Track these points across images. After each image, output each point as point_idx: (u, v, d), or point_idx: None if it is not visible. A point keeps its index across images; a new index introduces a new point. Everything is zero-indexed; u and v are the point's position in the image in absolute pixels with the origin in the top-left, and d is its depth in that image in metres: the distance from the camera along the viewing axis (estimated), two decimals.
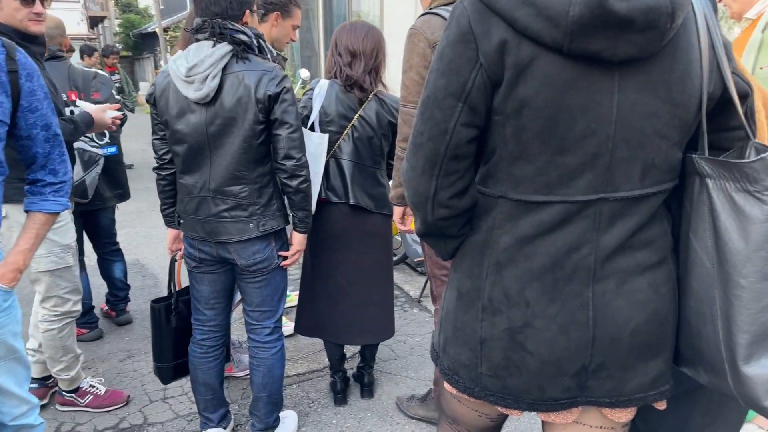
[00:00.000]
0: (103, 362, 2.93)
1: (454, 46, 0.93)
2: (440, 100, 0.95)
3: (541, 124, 0.91)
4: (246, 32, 1.83)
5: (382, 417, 2.46)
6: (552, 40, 0.86)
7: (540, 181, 0.95)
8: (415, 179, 1.02)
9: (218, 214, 1.89)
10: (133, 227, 5.39)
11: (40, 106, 1.46)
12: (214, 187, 1.88)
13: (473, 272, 1.05)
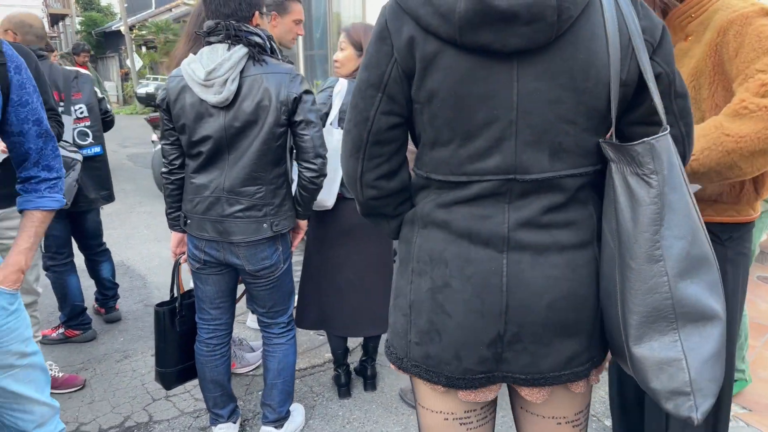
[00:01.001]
0: (100, 363, 2.90)
1: (375, 43, 1.02)
2: (363, 90, 1.04)
3: (448, 113, 0.98)
4: (260, 34, 1.85)
5: (387, 408, 2.51)
6: (447, 35, 0.93)
7: (454, 163, 1.02)
8: (345, 161, 1.12)
9: (232, 215, 1.90)
10: (114, 229, 5.29)
11: (30, 99, 1.41)
12: (229, 187, 1.89)
13: (406, 238, 1.13)
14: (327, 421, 2.43)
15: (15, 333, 1.41)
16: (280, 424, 2.22)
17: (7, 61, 1.34)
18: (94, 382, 2.72)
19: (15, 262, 1.43)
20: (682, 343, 0.93)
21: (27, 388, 1.44)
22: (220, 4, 1.81)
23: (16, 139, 1.43)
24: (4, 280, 1.39)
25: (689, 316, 0.93)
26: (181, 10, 18.40)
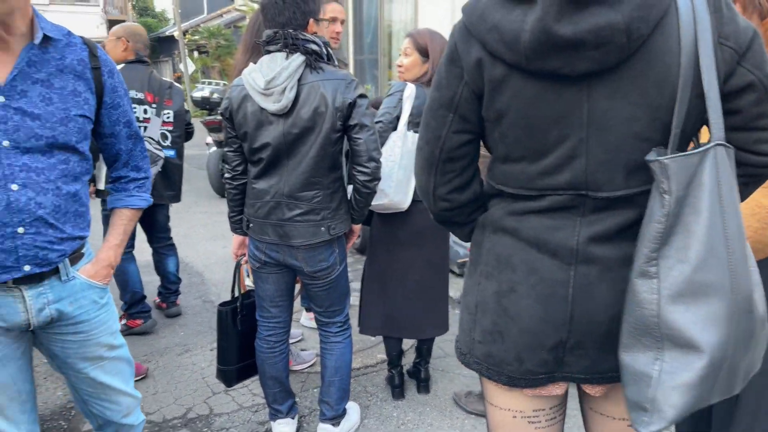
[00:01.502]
0: (162, 356, 3.02)
1: (446, 64, 1.05)
2: (435, 110, 1.07)
3: (518, 132, 1.00)
4: (316, 41, 1.88)
5: (442, 411, 2.52)
6: (513, 61, 0.94)
7: (525, 178, 1.03)
8: (418, 176, 1.16)
9: (291, 219, 1.95)
10: (173, 227, 5.45)
11: (121, 102, 1.47)
12: (288, 192, 1.94)
13: (477, 241, 1.16)
14: (381, 421, 2.46)
15: (105, 326, 1.48)
16: (337, 421, 2.26)
17: (101, 65, 1.40)
18: (157, 374, 2.83)
19: (105, 258, 1.49)
20: (662, 363, 0.93)
21: (114, 380, 1.52)
22: (275, 13, 1.85)
23: (108, 140, 1.50)
24: (95, 275, 1.46)
25: (675, 340, 0.91)
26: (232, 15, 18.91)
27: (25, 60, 1.26)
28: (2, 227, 1.25)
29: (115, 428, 1.58)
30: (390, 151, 2.25)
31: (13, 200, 1.25)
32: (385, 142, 2.28)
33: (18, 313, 1.33)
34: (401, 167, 2.23)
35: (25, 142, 1.26)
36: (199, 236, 5.25)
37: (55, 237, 1.33)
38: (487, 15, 0.96)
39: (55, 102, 1.30)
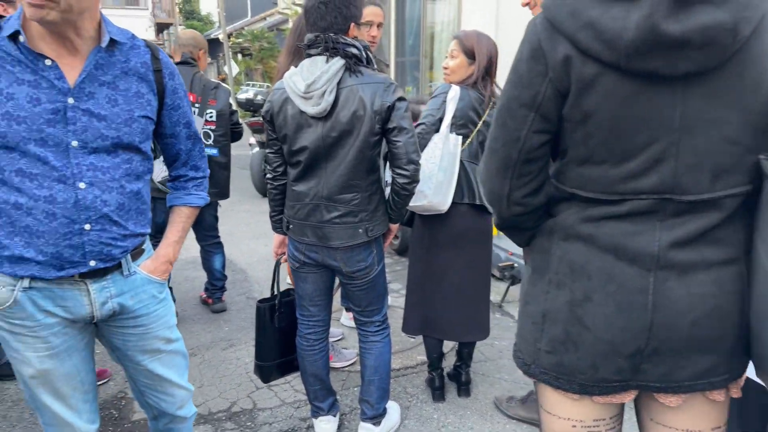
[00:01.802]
0: (208, 350, 3.10)
1: (527, 61, 1.01)
2: (513, 110, 1.04)
3: (605, 134, 0.97)
4: (356, 45, 1.91)
5: (482, 415, 2.51)
6: (610, 60, 0.92)
7: (606, 181, 1.00)
8: (490, 180, 1.12)
9: (330, 221, 1.98)
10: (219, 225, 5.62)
11: (182, 103, 1.51)
12: (327, 194, 1.96)
13: (543, 248, 1.13)
14: (422, 422, 2.46)
15: (163, 320, 1.53)
16: (377, 421, 2.28)
17: (162, 67, 1.44)
18: (203, 367, 2.91)
19: (165, 254, 1.53)
20: None
21: (170, 372, 1.57)
22: (318, 17, 1.88)
23: (168, 140, 1.54)
24: (154, 271, 1.50)
25: None
26: (275, 18, 19.22)
27: (93, 63, 1.31)
28: (70, 224, 1.30)
29: (169, 419, 1.63)
30: (431, 153, 2.25)
31: (81, 198, 1.30)
32: (427, 144, 2.28)
33: (83, 306, 1.39)
34: (441, 169, 2.23)
35: (93, 142, 1.30)
36: (242, 234, 5.36)
37: (118, 234, 1.38)
38: (579, 12, 0.93)
39: (120, 103, 1.34)
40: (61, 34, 1.26)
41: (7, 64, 1.24)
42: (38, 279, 1.32)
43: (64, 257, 1.31)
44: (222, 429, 2.41)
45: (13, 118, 1.23)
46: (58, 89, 1.26)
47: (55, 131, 1.26)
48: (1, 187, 1.27)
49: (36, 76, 1.25)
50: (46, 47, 1.26)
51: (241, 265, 4.48)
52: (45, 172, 1.26)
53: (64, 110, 1.27)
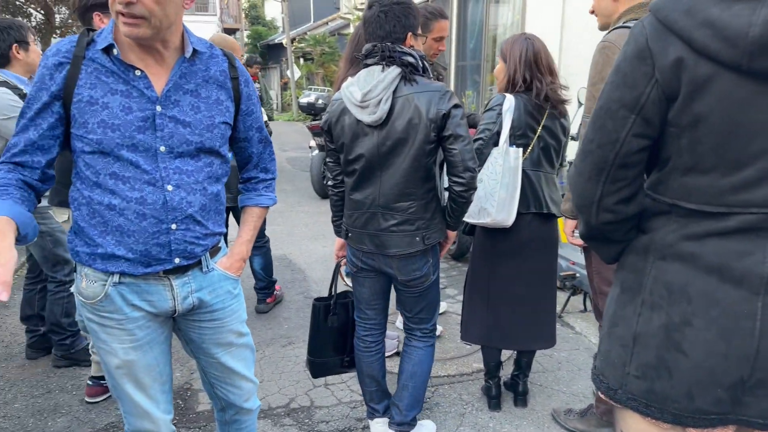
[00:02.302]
0: (268, 346, 3.20)
1: (631, 61, 0.97)
2: (613, 111, 1.00)
3: (717, 139, 0.92)
4: (413, 54, 1.93)
5: (539, 426, 2.47)
6: (730, 59, 0.87)
7: (713, 192, 0.95)
8: (581, 184, 1.07)
9: (387, 229, 2.00)
10: (278, 225, 5.79)
11: (255, 109, 1.58)
12: (384, 203, 1.99)
13: (636, 267, 1.07)
14: (477, 430, 2.44)
15: (236, 314, 1.61)
16: (404, 429, 2.27)
17: (239, 75, 1.51)
18: (263, 363, 3.00)
19: (239, 252, 1.60)
20: None
21: (240, 365, 1.64)
22: (377, 26, 1.92)
23: (242, 144, 1.61)
24: (230, 267, 1.58)
25: None
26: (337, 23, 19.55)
27: (178, 73, 1.39)
28: (158, 224, 1.38)
29: (235, 410, 1.70)
30: (492, 169, 2.23)
31: (169, 199, 1.38)
32: (486, 159, 2.26)
33: (166, 301, 1.47)
34: (503, 186, 2.21)
35: (178, 147, 1.39)
36: (301, 235, 5.49)
37: (201, 233, 1.46)
38: (696, 10, 0.90)
39: (202, 110, 1.42)
40: (150, 46, 1.35)
41: (102, 75, 1.33)
42: (127, 275, 1.41)
43: (151, 255, 1.40)
44: (281, 424, 2.48)
45: (108, 125, 1.32)
46: (148, 98, 1.35)
47: (145, 137, 1.35)
48: (96, 189, 1.36)
49: (128, 86, 1.34)
50: (135, 58, 1.35)
51: (300, 265, 4.59)
52: (136, 175, 1.35)
53: (152, 117, 1.36)
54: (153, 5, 1.26)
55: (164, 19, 1.30)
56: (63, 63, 1.32)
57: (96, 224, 1.38)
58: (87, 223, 1.38)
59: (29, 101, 1.35)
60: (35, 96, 1.34)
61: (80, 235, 1.41)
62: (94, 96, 1.32)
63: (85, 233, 1.39)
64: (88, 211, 1.38)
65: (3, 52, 2.52)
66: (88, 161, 1.35)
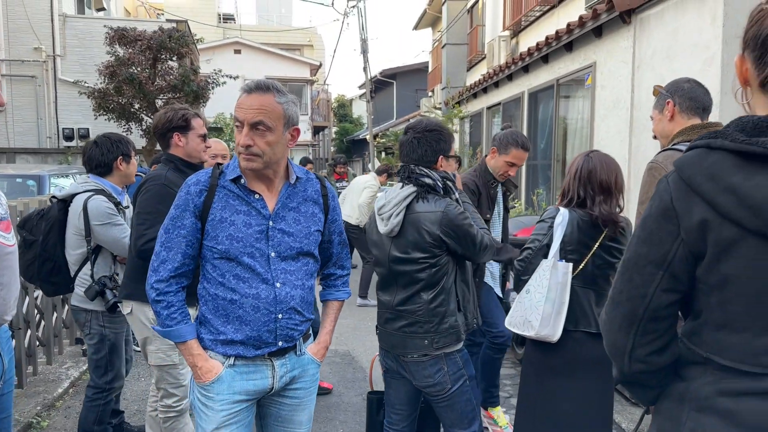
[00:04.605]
0: None
1: (656, 219, 0.99)
2: (641, 266, 1.01)
3: (748, 300, 0.90)
4: (431, 176, 2.10)
5: None
6: (755, 227, 0.87)
7: (748, 351, 0.92)
8: (613, 333, 1.07)
9: (400, 329, 2.13)
10: (344, 318, 5.86)
11: (338, 218, 1.92)
12: (396, 305, 2.13)
13: (672, 415, 1.03)
14: None
15: (312, 397, 1.88)
16: None
17: (328, 193, 1.87)
18: None
19: (324, 341, 1.90)
20: None
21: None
22: (410, 149, 2.15)
23: (326, 245, 1.91)
24: (317, 353, 1.87)
25: None
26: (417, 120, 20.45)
27: (285, 195, 1.75)
28: (269, 314, 1.69)
29: None
30: (538, 282, 2.21)
31: (278, 294, 1.70)
32: (535, 270, 2.25)
33: (267, 379, 1.75)
34: (548, 300, 2.17)
35: (284, 252, 1.72)
36: (367, 329, 5.50)
37: (299, 320, 1.76)
38: (719, 175, 0.91)
39: (302, 222, 1.77)
40: (264, 175, 1.72)
41: (230, 199, 1.70)
42: (241, 357, 1.71)
43: (262, 339, 1.70)
44: None
45: (234, 238, 1.67)
46: (263, 215, 1.71)
47: (261, 246, 1.69)
48: (220, 287, 1.69)
49: (249, 207, 1.71)
50: (255, 185, 1.72)
51: (362, 363, 4.57)
52: (253, 276, 1.68)
53: (266, 230, 1.71)
54: (265, 146, 1.64)
55: (273, 156, 1.67)
56: (203, 190, 1.70)
57: (219, 315, 1.70)
58: (212, 315, 1.70)
59: (173, 218, 1.70)
60: (180, 215, 1.69)
61: (205, 325, 1.73)
62: (224, 215, 1.68)
63: (210, 323, 1.71)
64: (214, 305, 1.70)
65: (108, 162, 2.80)
66: (216, 264, 1.69)
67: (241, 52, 23.18)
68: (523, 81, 8.28)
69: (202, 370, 1.69)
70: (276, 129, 1.65)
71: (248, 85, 1.70)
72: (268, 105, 1.64)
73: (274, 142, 1.65)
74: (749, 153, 0.87)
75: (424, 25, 19.37)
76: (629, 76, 5.30)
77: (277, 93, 1.67)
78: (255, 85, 1.68)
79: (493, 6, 11.66)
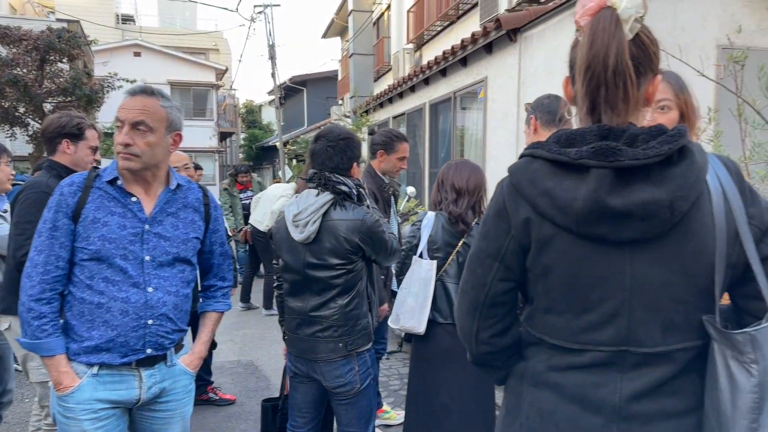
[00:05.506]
0: None
1: (493, 218, 1.14)
2: (481, 259, 1.15)
3: (564, 287, 1.06)
4: (347, 183, 2.15)
5: None
6: (565, 224, 1.02)
7: (568, 331, 1.07)
8: (461, 319, 1.22)
9: (313, 334, 2.16)
10: (249, 329, 5.82)
11: (219, 228, 1.94)
12: (310, 311, 2.16)
13: (516, 391, 1.18)
14: None
15: (186, 408, 1.85)
16: None
17: (210, 202, 1.90)
18: None
19: (198, 351, 1.90)
20: None
21: None
22: (326, 158, 2.17)
23: (206, 256, 1.93)
24: (190, 364, 1.84)
25: None
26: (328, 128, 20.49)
27: (164, 200, 1.76)
28: (138, 319, 1.66)
29: None
30: (408, 278, 2.42)
31: (149, 299, 1.68)
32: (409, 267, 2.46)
33: (134, 389, 1.70)
34: (411, 294, 2.38)
35: (159, 257, 1.72)
36: (272, 339, 5.49)
37: (171, 328, 1.74)
38: (538, 180, 1.05)
39: (180, 228, 1.78)
40: (143, 177, 1.72)
41: (105, 200, 1.69)
42: (106, 366, 1.66)
43: (129, 345, 1.66)
44: None
45: (107, 239, 1.66)
46: (139, 218, 1.71)
47: (135, 249, 1.69)
48: (87, 291, 1.65)
49: (125, 209, 1.70)
50: (133, 188, 1.72)
51: (265, 372, 4.57)
52: (124, 279, 1.66)
53: (142, 233, 1.70)
54: (145, 147, 1.66)
55: (152, 157, 1.69)
56: (77, 191, 1.67)
57: (84, 321, 1.65)
58: (77, 320, 1.65)
59: (45, 221, 1.66)
60: (53, 217, 1.65)
61: (69, 332, 1.67)
62: (98, 216, 1.67)
63: (74, 330, 1.66)
64: (79, 309, 1.65)
65: None
66: (85, 266, 1.65)
67: (141, 54, 22.17)
68: (424, 93, 8.62)
69: (63, 384, 1.64)
70: (157, 131, 1.68)
71: (133, 89, 1.73)
72: (151, 107, 1.68)
73: (154, 144, 1.67)
74: (559, 161, 1.04)
75: (333, 33, 19.54)
76: (516, 90, 5.71)
77: (161, 98, 1.72)
78: (140, 89, 1.72)
79: (397, 19, 12.02)
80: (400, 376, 4.34)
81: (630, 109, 1.03)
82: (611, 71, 1.00)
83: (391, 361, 4.71)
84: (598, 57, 1.00)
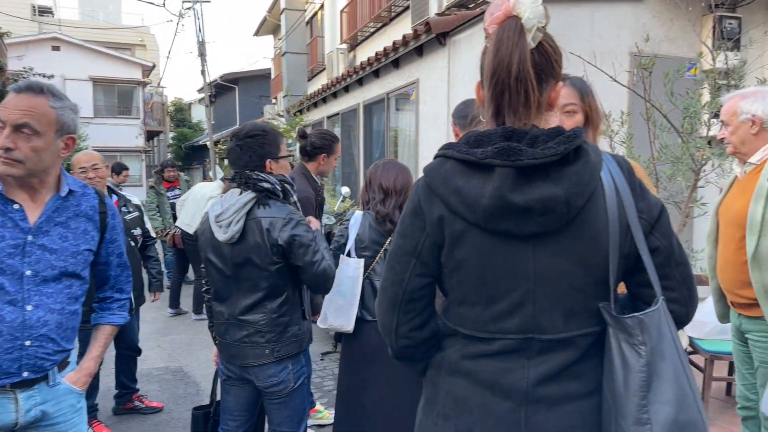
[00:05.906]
0: None
1: (410, 216, 1.19)
2: (399, 256, 1.19)
3: (475, 280, 1.12)
4: (269, 180, 2.09)
5: None
6: (474, 220, 1.08)
7: (480, 321, 1.13)
8: (382, 315, 1.26)
9: (240, 339, 2.10)
10: (177, 335, 5.64)
11: (118, 238, 1.79)
12: (238, 314, 2.10)
13: (434, 380, 1.23)
14: None
15: (77, 427, 1.68)
16: None
17: (107, 210, 1.74)
18: None
19: (87, 367, 1.72)
20: None
21: None
22: (236, 157, 2.12)
23: (101, 267, 1.78)
24: (77, 382, 1.67)
25: None
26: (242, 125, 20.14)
27: (52, 208, 1.60)
28: (13, 340, 1.50)
29: None
30: (337, 276, 2.41)
31: (27, 318, 1.52)
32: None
33: (9, 413, 1.54)
34: (339, 293, 2.40)
35: (43, 272, 1.55)
36: (202, 344, 5.34)
37: (52, 349, 1.58)
38: (449, 179, 1.10)
39: (69, 239, 1.62)
40: (28, 184, 1.57)
41: None
42: None
43: (1, 368, 1.50)
44: None
45: None
46: (21, 228, 1.55)
47: (14, 262, 1.52)
48: None
49: (4, 217, 1.53)
50: (16, 194, 1.56)
51: (195, 378, 4.45)
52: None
53: (23, 245, 1.54)
54: (29, 152, 1.51)
55: (38, 164, 1.54)
56: None
57: None
58: None
59: None
60: None
61: None
62: None
63: None
64: None
65: None
66: None
67: (61, 48, 20.98)
68: (358, 93, 8.65)
69: None
70: (45, 135, 1.53)
71: (18, 85, 1.57)
72: (38, 107, 1.52)
73: (41, 149, 1.52)
74: (468, 161, 1.09)
75: (265, 32, 19.21)
76: (446, 93, 5.85)
77: (52, 97, 1.56)
78: (26, 86, 1.56)
79: (331, 19, 12.00)
80: (334, 377, 4.34)
81: (532, 112, 1.10)
82: (514, 78, 1.06)
83: (325, 361, 4.71)
84: (503, 64, 1.07)
